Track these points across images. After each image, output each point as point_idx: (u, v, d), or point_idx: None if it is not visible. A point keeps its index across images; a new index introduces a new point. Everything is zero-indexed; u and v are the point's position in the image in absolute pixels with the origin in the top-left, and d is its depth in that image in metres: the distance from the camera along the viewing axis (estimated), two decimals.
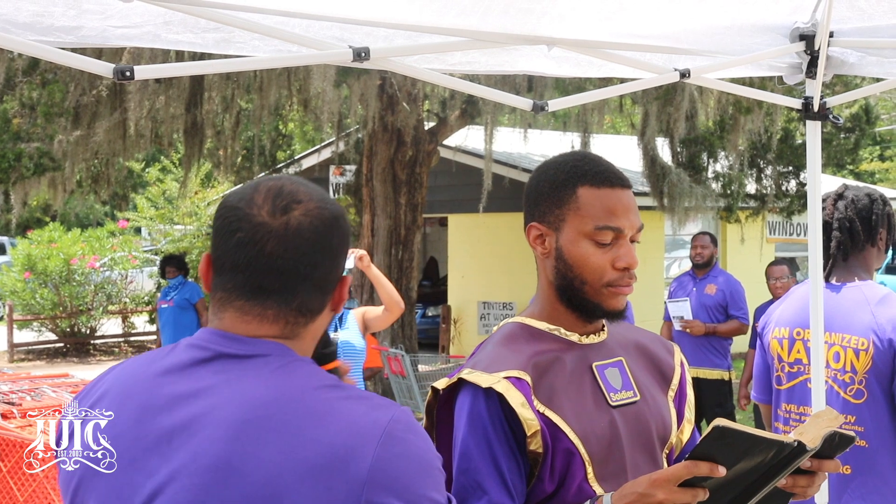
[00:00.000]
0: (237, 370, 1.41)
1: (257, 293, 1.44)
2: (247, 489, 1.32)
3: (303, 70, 10.10)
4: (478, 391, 1.80)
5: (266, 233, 1.44)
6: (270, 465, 1.33)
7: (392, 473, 1.35)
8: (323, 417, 1.36)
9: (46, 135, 10.82)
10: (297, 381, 1.41)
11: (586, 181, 1.89)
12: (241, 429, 1.35)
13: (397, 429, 1.38)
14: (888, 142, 32.62)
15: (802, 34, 2.72)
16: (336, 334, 5.39)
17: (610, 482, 1.82)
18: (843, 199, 3.24)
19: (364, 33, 2.50)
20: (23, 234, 21.09)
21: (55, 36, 2.26)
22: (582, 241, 1.87)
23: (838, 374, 3.07)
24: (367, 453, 1.34)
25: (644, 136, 12.04)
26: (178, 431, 1.38)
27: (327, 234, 1.47)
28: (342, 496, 1.32)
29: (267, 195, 1.46)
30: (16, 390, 5.11)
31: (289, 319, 1.46)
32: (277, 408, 1.36)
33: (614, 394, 1.89)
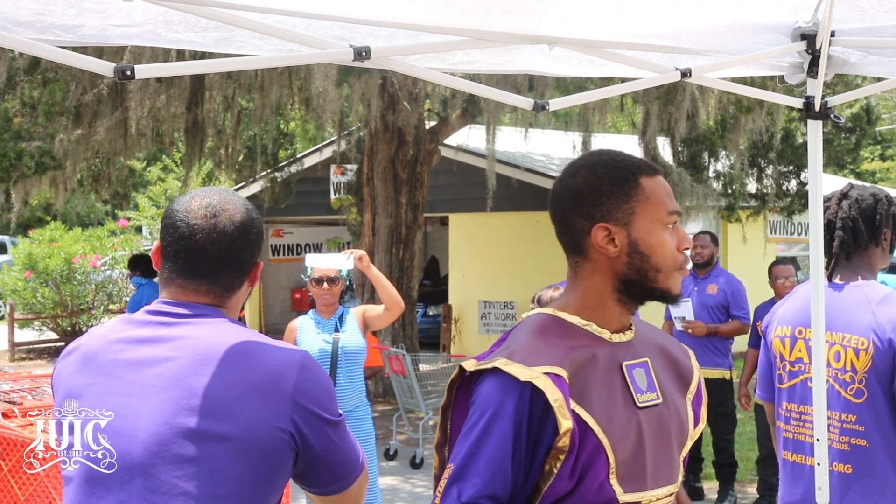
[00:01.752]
0: (188, 324, 1.94)
1: (192, 275, 1.98)
2: (198, 400, 1.85)
3: (304, 69, 10.09)
4: (512, 383, 1.80)
5: (199, 230, 1.96)
6: (220, 386, 1.86)
7: (308, 389, 1.92)
8: (255, 355, 1.92)
9: (47, 134, 10.82)
10: (233, 332, 1.95)
11: (643, 171, 1.93)
12: (195, 362, 1.88)
13: (308, 362, 1.95)
14: (889, 141, 32.61)
15: (804, 34, 2.72)
16: (336, 334, 5.39)
17: (630, 482, 1.83)
18: (848, 198, 3.23)
19: (365, 32, 2.50)
20: (24, 233, 21.11)
21: (55, 34, 2.25)
22: (657, 228, 1.91)
23: (839, 373, 3.07)
24: (290, 376, 1.91)
25: (645, 136, 12.04)
26: (143, 363, 1.91)
27: (244, 233, 2.00)
28: (276, 405, 1.88)
29: (201, 203, 1.99)
30: (17, 389, 5.11)
31: (216, 293, 2.00)
32: (222, 349, 1.90)
33: (641, 395, 1.90)
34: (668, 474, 1.92)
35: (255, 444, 1.86)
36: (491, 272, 14.95)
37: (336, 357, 5.33)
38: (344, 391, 5.32)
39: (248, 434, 1.85)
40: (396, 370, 9.40)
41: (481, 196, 12.90)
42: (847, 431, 3.04)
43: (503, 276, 14.74)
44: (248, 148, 14.18)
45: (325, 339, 5.38)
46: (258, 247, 2.05)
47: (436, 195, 14.29)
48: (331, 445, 1.95)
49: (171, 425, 1.85)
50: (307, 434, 1.91)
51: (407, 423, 9.54)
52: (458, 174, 14.54)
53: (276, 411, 1.88)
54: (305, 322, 5.53)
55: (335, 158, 14.38)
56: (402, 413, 9.43)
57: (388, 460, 8.97)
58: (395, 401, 10.26)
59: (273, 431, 1.87)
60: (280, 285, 19.04)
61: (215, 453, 1.84)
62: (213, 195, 2.02)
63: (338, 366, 5.33)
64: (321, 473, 1.97)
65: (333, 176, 14.32)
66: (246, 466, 1.86)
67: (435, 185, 13.78)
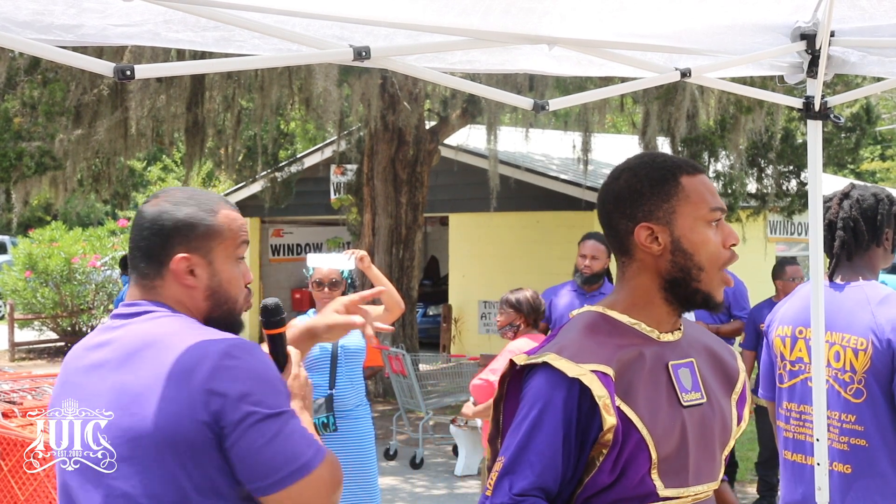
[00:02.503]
0: (130, 323, 1.98)
1: (129, 269, 2.06)
2: (128, 398, 1.88)
3: (304, 69, 10.09)
4: (560, 378, 1.85)
5: (135, 218, 2.05)
6: (143, 378, 1.88)
7: (225, 377, 1.84)
8: (178, 345, 1.89)
9: (47, 134, 10.82)
10: (166, 323, 1.95)
11: (683, 171, 1.97)
12: (126, 358, 1.92)
13: (233, 350, 1.88)
14: (889, 141, 32.60)
15: (803, 33, 2.72)
16: None
17: (671, 478, 1.88)
18: (849, 198, 3.22)
19: (365, 32, 2.50)
20: (24, 233, 21.11)
21: (55, 34, 2.25)
22: (700, 226, 1.94)
23: (839, 373, 3.06)
24: (208, 363, 1.85)
25: (645, 136, 12.04)
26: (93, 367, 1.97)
27: (160, 214, 1.99)
28: (189, 394, 1.84)
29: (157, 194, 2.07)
30: (17, 389, 5.10)
31: (142, 285, 2.02)
32: (147, 343, 1.92)
33: (685, 394, 1.94)
34: (710, 472, 1.97)
35: (178, 435, 1.83)
36: (491, 272, 14.95)
37: (336, 357, 5.33)
38: (344, 391, 5.32)
39: (170, 425, 1.83)
40: (396, 370, 9.40)
41: (481, 196, 12.90)
42: (847, 431, 3.04)
43: (503, 276, 14.73)
44: (248, 148, 14.17)
45: None
46: (177, 235, 1.97)
47: (436, 195, 14.29)
48: (252, 436, 1.82)
49: (109, 426, 1.90)
50: (223, 423, 1.83)
51: (407, 423, 9.54)
52: (458, 174, 14.54)
53: (191, 400, 1.83)
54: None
55: (335, 158, 14.39)
56: (402, 413, 9.43)
57: (388, 460, 8.96)
58: (395, 401, 10.26)
59: (191, 422, 1.83)
60: (280, 285, 19.03)
61: (145, 448, 1.85)
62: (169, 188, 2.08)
63: (338, 365, 5.33)
64: (245, 469, 1.84)
65: (333, 176, 14.32)
66: (173, 460, 1.83)
67: (435, 185, 13.77)
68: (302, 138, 17.33)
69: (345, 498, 5.22)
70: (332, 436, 5.17)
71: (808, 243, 3.10)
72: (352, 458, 5.23)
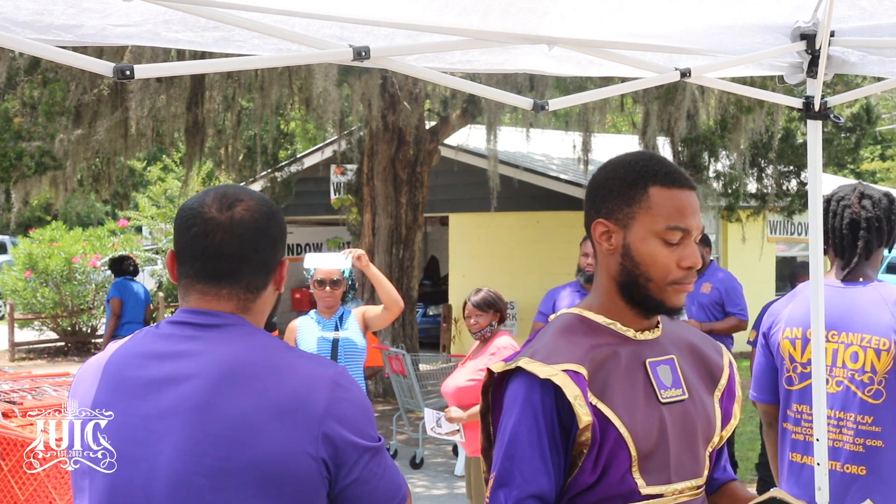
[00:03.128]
0: (210, 336, 1.77)
1: (212, 276, 1.80)
2: (225, 425, 1.68)
3: (304, 69, 10.09)
4: (534, 381, 1.86)
5: (215, 226, 1.79)
6: (244, 407, 1.69)
7: (341, 411, 1.73)
8: (283, 371, 1.74)
9: (48, 134, 10.82)
10: (259, 344, 1.77)
11: (658, 181, 1.94)
12: (219, 381, 1.71)
13: (341, 379, 1.77)
14: (889, 141, 32.60)
15: (803, 33, 2.71)
16: (336, 333, 5.39)
17: (653, 475, 1.88)
18: (869, 198, 3.20)
19: (364, 32, 2.50)
20: (24, 233, 21.12)
21: (55, 34, 2.25)
22: (651, 239, 1.92)
23: (856, 374, 3.03)
24: (321, 397, 1.72)
25: (645, 136, 12.04)
26: (165, 381, 1.74)
27: (266, 225, 1.82)
28: (303, 430, 1.69)
29: (215, 197, 1.82)
30: (17, 389, 5.11)
31: (240, 296, 1.81)
32: (247, 364, 1.73)
33: (664, 391, 1.94)
34: (693, 468, 1.96)
35: (284, 472, 1.68)
36: (491, 272, 14.94)
37: (336, 357, 5.33)
38: None
39: (276, 461, 1.68)
40: (396, 370, 9.40)
41: (481, 196, 12.90)
42: (863, 433, 3.01)
43: (503, 276, 14.74)
44: (249, 148, 14.18)
45: (324, 337, 5.38)
46: (282, 242, 1.87)
47: (436, 195, 14.29)
48: (367, 473, 1.74)
49: (195, 453, 1.69)
50: (341, 460, 1.72)
51: (407, 423, 9.54)
52: (459, 174, 14.54)
53: (305, 435, 1.69)
54: (306, 322, 5.53)
55: (335, 158, 14.38)
56: (402, 413, 9.43)
57: None
58: (395, 401, 10.26)
59: (303, 458, 1.68)
60: None
61: (242, 482, 1.68)
62: (228, 188, 1.86)
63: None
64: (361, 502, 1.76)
65: (333, 176, 14.31)
66: (276, 498, 1.69)
67: (435, 185, 13.78)
68: (302, 138, 17.33)
69: None
70: None
71: (808, 243, 3.09)
72: None
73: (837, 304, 3.07)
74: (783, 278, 16.92)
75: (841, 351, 3.04)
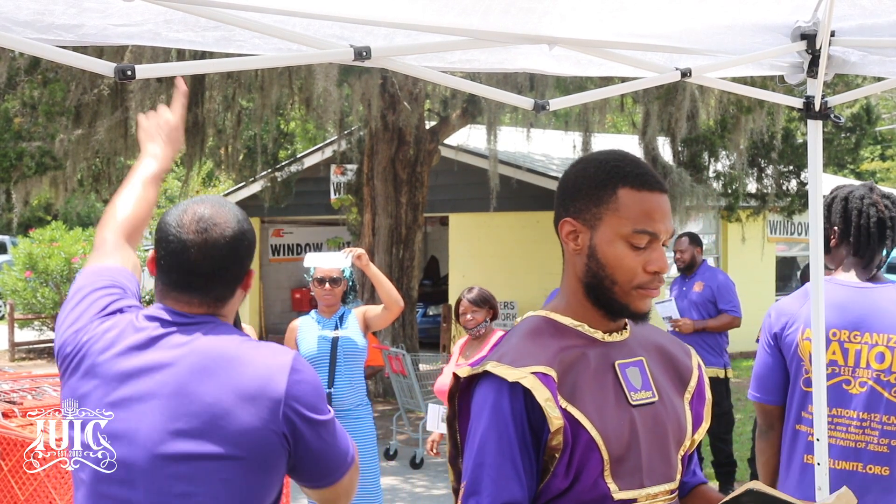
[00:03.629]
0: (185, 330, 2.02)
1: (185, 288, 2.05)
2: (199, 407, 1.94)
3: (304, 69, 10.09)
4: (502, 385, 1.81)
5: (190, 246, 2.01)
6: (215, 392, 1.94)
7: (298, 392, 1.98)
8: (246, 361, 1.99)
9: (48, 134, 10.82)
10: (225, 338, 2.03)
11: (627, 183, 1.89)
12: (192, 369, 1.96)
13: (296, 364, 2.02)
14: (889, 141, 32.60)
15: (804, 33, 2.71)
16: (336, 333, 5.39)
17: (625, 480, 1.84)
18: (888, 197, 3.19)
19: (365, 32, 2.50)
20: (24, 233, 21.10)
21: (56, 34, 2.25)
22: (617, 242, 1.88)
23: (882, 374, 3.01)
24: (280, 381, 1.97)
25: (645, 136, 12.04)
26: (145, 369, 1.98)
27: (236, 245, 2.05)
28: (267, 410, 1.95)
29: (192, 217, 2.03)
30: (17, 389, 5.10)
31: (209, 304, 2.06)
32: (215, 356, 1.98)
33: (634, 393, 1.90)
34: (665, 472, 1.92)
35: (251, 446, 1.94)
36: (491, 272, 14.94)
37: (336, 356, 5.33)
38: (344, 391, 5.32)
39: (245, 437, 1.93)
40: (396, 370, 9.40)
41: (481, 196, 12.89)
42: (888, 433, 3.00)
43: (503, 276, 14.74)
44: (249, 148, 14.17)
45: (324, 336, 5.38)
46: (249, 257, 2.11)
47: (436, 195, 14.29)
48: (320, 444, 2.02)
49: (173, 430, 1.94)
50: (298, 434, 1.98)
51: (407, 423, 9.54)
52: (459, 174, 14.54)
53: (268, 415, 1.95)
54: (306, 322, 5.53)
55: (335, 158, 14.38)
56: (402, 413, 9.43)
57: (388, 460, 8.96)
58: (395, 401, 10.26)
59: (267, 433, 1.95)
60: (280, 285, 19.03)
61: (213, 456, 1.93)
62: (205, 208, 2.06)
63: (337, 365, 5.33)
64: (312, 470, 2.05)
65: (333, 176, 14.31)
66: (243, 469, 1.94)
67: (435, 185, 13.77)
68: (302, 138, 17.33)
69: None
70: None
71: (808, 243, 3.08)
72: None
73: (859, 305, 3.04)
74: (783, 278, 16.92)
75: (865, 351, 3.01)
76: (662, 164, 12.51)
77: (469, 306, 5.57)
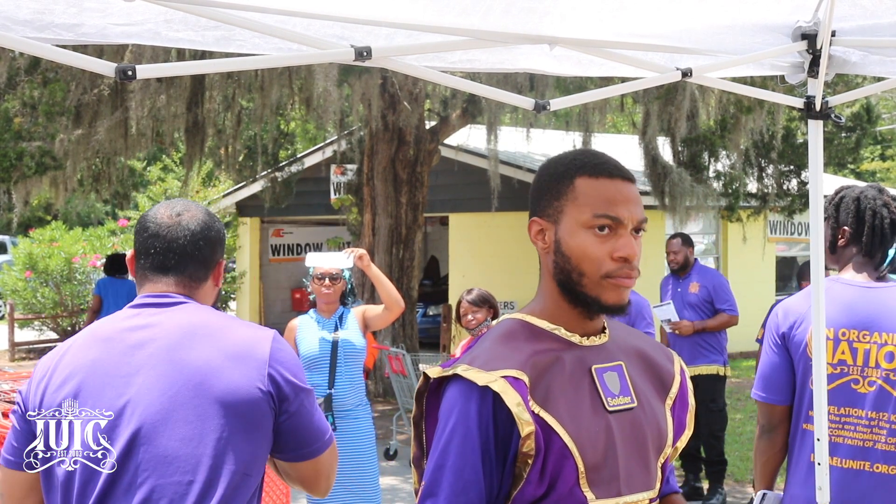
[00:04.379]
0: (168, 311, 2.20)
1: (161, 268, 2.25)
2: (191, 370, 2.10)
3: (304, 69, 10.09)
4: (472, 389, 1.77)
5: (164, 227, 2.25)
6: (204, 355, 2.11)
7: (281, 358, 2.17)
8: (231, 328, 2.19)
9: (48, 134, 10.82)
10: (208, 312, 2.23)
11: (584, 172, 1.87)
12: (180, 339, 2.14)
13: (278, 338, 2.21)
14: (889, 141, 32.61)
15: (804, 33, 2.71)
16: (336, 333, 5.39)
17: (602, 488, 1.79)
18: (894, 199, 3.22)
19: (365, 32, 2.50)
20: (24, 233, 21.11)
21: (55, 33, 2.25)
22: (580, 231, 1.84)
23: (891, 373, 3.01)
24: (265, 346, 2.17)
25: (645, 136, 12.04)
26: (138, 345, 2.14)
27: (206, 229, 2.27)
28: (254, 370, 2.12)
29: (166, 208, 2.29)
30: (17, 389, 5.10)
31: (184, 283, 2.25)
32: (200, 326, 2.17)
33: (612, 398, 1.85)
34: (644, 480, 1.87)
35: (240, 403, 2.09)
36: (491, 272, 14.95)
37: (336, 357, 5.33)
38: (344, 391, 5.32)
39: (234, 394, 2.09)
40: (396, 370, 9.40)
41: (481, 196, 12.89)
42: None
43: (503, 276, 14.74)
44: (249, 148, 14.17)
45: (324, 338, 5.38)
46: (220, 244, 2.32)
47: (436, 195, 14.29)
48: (302, 411, 2.18)
49: (170, 394, 2.08)
50: (282, 395, 2.14)
51: (407, 423, 9.54)
52: (459, 174, 14.54)
53: (255, 374, 2.11)
54: (305, 321, 5.53)
55: (335, 158, 14.38)
56: (402, 413, 9.43)
57: (388, 460, 8.97)
58: (395, 401, 10.26)
59: (254, 391, 2.10)
60: (280, 285, 19.04)
61: (208, 413, 2.07)
62: (178, 203, 2.31)
63: (338, 366, 5.33)
64: (294, 438, 2.18)
65: (333, 176, 14.31)
66: (235, 426, 2.08)
67: (435, 185, 13.77)
68: (302, 138, 17.33)
69: (345, 497, 5.22)
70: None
71: (809, 243, 3.08)
72: (352, 457, 5.23)
73: (868, 304, 3.05)
74: (784, 278, 16.92)
75: (874, 351, 3.02)
76: (662, 164, 12.51)
77: (469, 307, 5.67)
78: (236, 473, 2.07)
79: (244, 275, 18.44)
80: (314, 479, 2.26)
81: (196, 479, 2.04)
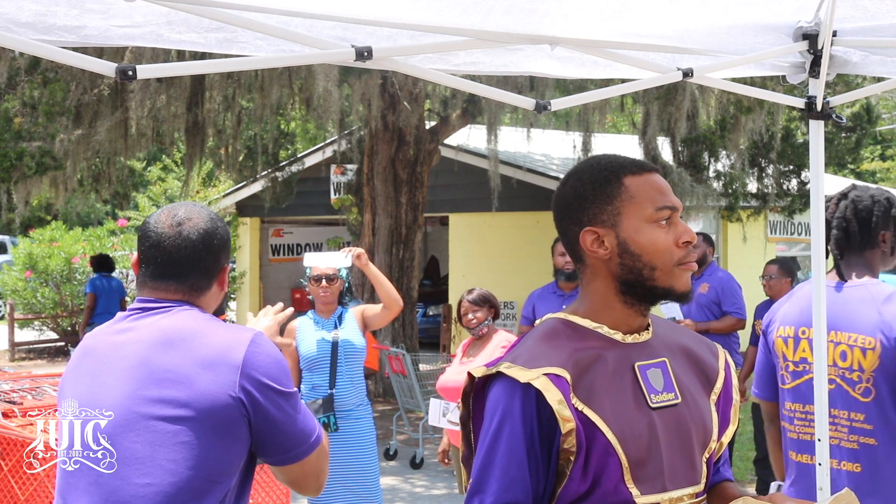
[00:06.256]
0: (156, 314, 2.22)
1: (161, 277, 2.26)
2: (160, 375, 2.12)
3: (304, 69, 10.09)
4: (515, 386, 1.81)
5: (165, 239, 2.25)
6: (175, 361, 2.12)
7: (256, 362, 2.14)
8: (208, 334, 2.17)
9: (48, 134, 10.82)
10: (189, 317, 2.21)
11: (628, 171, 1.92)
12: (154, 344, 2.15)
13: (258, 339, 2.18)
14: (889, 141, 32.61)
15: (805, 33, 2.71)
16: (335, 333, 5.39)
17: (647, 484, 1.82)
18: (846, 199, 3.22)
19: (366, 33, 2.50)
20: (24, 233, 21.11)
21: (57, 35, 2.25)
22: (645, 226, 1.88)
23: (846, 372, 3.04)
24: (240, 351, 2.13)
25: (645, 136, 12.04)
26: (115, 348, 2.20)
27: (209, 239, 2.27)
28: (224, 377, 2.10)
29: (168, 216, 2.28)
30: (17, 389, 5.11)
31: (185, 292, 2.26)
32: (177, 331, 2.17)
33: (655, 395, 1.87)
34: (689, 475, 1.89)
35: (209, 411, 2.08)
36: (491, 272, 14.94)
37: (336, 358, 5.33)
38: (345, 391, 5.32)
39: (202, 401, 2.09)
40: (396, 370, 9.40)
41: (481, 196, 12.89)
42: (856, 430, 3.02)
43: (503, 276, 14.74)
44: (249, 148, 14.17)
45: (324, 338, 5.38)
46: (224, 251, 2.31)
47: (436, 195, 14.28)
48: (280, 414, 2.15)
49: (137, 396, 2.11)
50: (255, 402, 2.12)
51: (407, 423, 9.54)
52: (459, 174, 14.54)
53: (225, 381, 2.10)
54: (305, 322, 5.53)
55: (335, 158, 14.38)
56: (402, 413, 9.43)
57: (388, 460, 8.97)
58: (395, 401, 10.26)
59: (224, 398, 2.09)
60: (280, 285, 19.03)
61: (173, 419, 2.08)
62: (181, 208, 2.30)
63: (338, 366, 5.32)
64: (274, 442, 2.16)
65: (333, 176, 14.31)
66: (199, 431, 2.08)
67: (435, 185, 13.77)
68: (302, 138, 17.33)
69: (346, 498, 5.22)
70: (332, 436, 5.16)
71: (810, 243, 3.09)
72: (353, 457, 5.23)
73: (831, 304, 3.07)
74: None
75: (831, 349, 3.04)
76: (662, 164, 12.51)
77: (470, 307, 5.67)
78: (199, 479, 2.07)
79: (244, 275, 18.44)
80: (302, 481, 2.26)
81: (154, 482, 2.06)
